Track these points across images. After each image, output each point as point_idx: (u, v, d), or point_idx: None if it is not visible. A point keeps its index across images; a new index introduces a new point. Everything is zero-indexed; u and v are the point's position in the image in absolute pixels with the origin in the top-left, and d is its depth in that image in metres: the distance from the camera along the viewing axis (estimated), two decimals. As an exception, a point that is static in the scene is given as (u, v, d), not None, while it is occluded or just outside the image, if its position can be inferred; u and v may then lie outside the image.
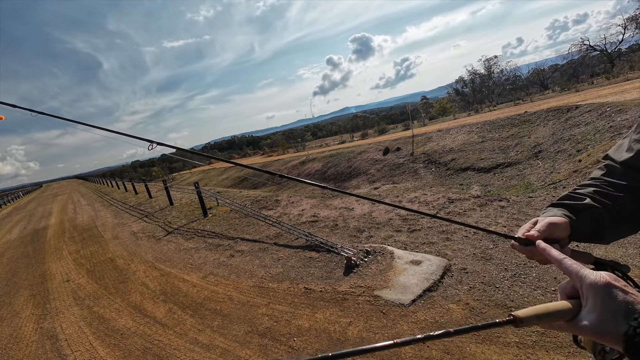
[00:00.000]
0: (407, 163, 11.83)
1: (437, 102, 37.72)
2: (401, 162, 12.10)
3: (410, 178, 10.76)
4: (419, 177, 10.47)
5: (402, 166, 11.85)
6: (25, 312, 3.91)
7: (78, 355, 2.73)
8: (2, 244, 9.03)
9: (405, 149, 12.69)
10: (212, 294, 3.28)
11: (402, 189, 8.87)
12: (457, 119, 18.48)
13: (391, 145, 13.84)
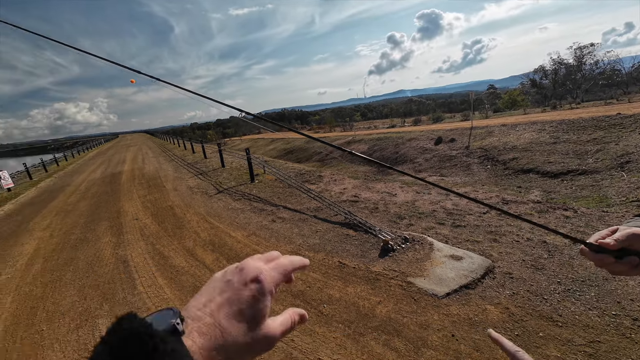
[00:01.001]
0: (460, 156, 11.02)
1: (506, 92, 33.71)
2: (453, 155, 11.31)
3: (460, 172, 10.06)
4: (471, 173, 9.73)
5: (454, 159, 11.07)
6: (104, 238, 4.69)
7: (143, 280, 3.24)
8: (89, 181, 10.71)
9: (460, 140, 11.79)
10: (253, 251, 3.58)
11: (450, 183, 8.39)
12: (528, 115, 16.44)
13: (445, 135, 12.95)
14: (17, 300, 3.21)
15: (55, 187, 10.53)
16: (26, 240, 5.17)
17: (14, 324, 2.80)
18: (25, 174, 14.73)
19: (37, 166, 17.74)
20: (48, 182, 12.02)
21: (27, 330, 2.68)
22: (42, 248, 4.69)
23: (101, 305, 2.89)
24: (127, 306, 2.82)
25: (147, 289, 3.08)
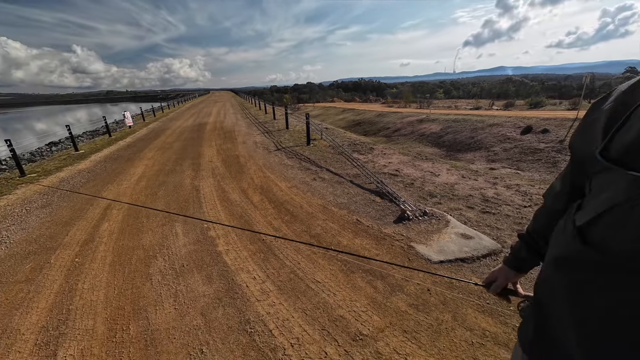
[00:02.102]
0: (548, 150, 9.59)
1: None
2: (540, 148, 9.88)
3: (542, 169, 8.88)
4: (556, 171, 8.55)
5: (539, 152, 9.71)
6: (187, 171, 6.00)
7: (208, 204, 4.25)
8: (182, 128, 12.95)
9: (554, 132, 10.19)
10: (290, 199, 4.26)
11: (526, 179, 7.65)
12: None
13: (537, 125, 11.24)
14: (130, 202, 4.58)
15: (159, 129, 13.07)
16: (137, 165, 6.92)
17: (127, 216, 4.10)
18: (140, 116, 18.40)
19: (149, 111, 21.80)
20: (154, 125, 14.90)
21: (133, 221, 3.92)
22: (146, 172, 6.27)
23: (178, 214, 3.98)
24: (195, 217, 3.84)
25: (209, 210, 4.06)
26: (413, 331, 1.97)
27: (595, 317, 0.52)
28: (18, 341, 2.08)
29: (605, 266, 0.50)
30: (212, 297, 2.40)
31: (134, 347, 1.98)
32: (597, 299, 0.52)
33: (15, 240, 3.57)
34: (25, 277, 2.83)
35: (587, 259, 0.54)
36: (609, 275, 0.50)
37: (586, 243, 0.54)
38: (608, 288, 0.50)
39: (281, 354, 1.86)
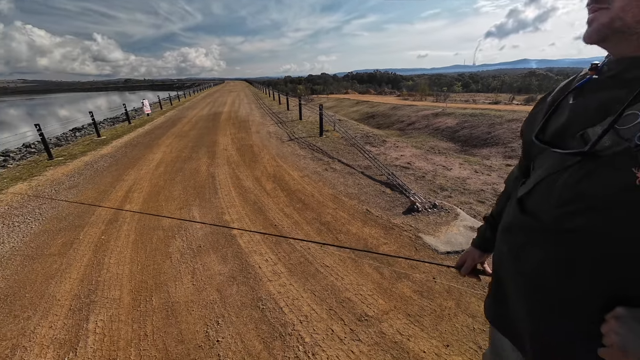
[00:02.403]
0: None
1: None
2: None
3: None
4: None
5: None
6: (203, 159, 6.20)
7: (223, 190, 4.42)
8: (198, 117, 13.23)
9: None
10: (302, 188, 4.37)
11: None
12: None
13: (552, 120, 10.90)
14: (150, 186, 4.81)
15: (176, 117, 13.39)
16: (156, 151, 7.18)
17: (147, 199, 4.32)
18: (157, 105, 18.85)
19: (166, 100, 22.27)
20: (171, 113, 15.26)
21: (153, 204, 4.14)
22: (164, 158, 6.51)
23: (194, 199, 4.17)
24: (210, 202, 4.01)
25: (224, 196, 4.23)
26: (417, 315, 2.06)
27: (528, 275, 0.61)
28: (55, 306, 2.31)
29: (536, 229, 0.60)
30: (227, 276, 2.55)
31: (157, 316, 2.16)
32: (530, 257, 0.61)
33: (47, 218, 3.85)
34: (58, 250, 3.07)
35: (524, 224, 0.63)
36: (539, 236, 0.59)
37: (524, 212, 0.64)
38: (538, 247, 0.59)
39: (290, 329, 1.99)
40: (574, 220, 0.53)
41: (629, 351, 0.46)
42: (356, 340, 1.89)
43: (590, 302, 0.53)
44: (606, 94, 0.56)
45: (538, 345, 0.63)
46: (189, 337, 1.97)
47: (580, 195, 0.52)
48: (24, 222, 3.75)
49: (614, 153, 0.49)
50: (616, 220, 0.47)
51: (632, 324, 0.46)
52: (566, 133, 0.59)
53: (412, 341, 1.86)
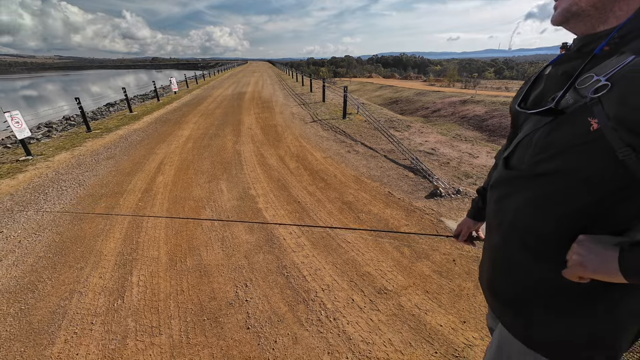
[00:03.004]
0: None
1: None
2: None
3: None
4: None
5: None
6: (228, 136, 6.38)
7: (248, 167, 4.58)
8: (223, 96, 13.44)
9: None
10: (325, 168, 4.44)
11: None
12: None
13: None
14: (179, 160, 5.06)
15: (201, 96, 13.69)
16: (184, 128, 7.46)
17: (177, 172, 4.56)
18: (184, 83, 19.27)
19: (191, 78, 22.68)
20: (197, 92, 15.59)
21: (184, 176, 4.37)
22: (192, 134, 6.76)
23: (222, 174, 4.36)
24: (237, 177, 4.19)
25: (250, 172, 4.39)
26: (435, 292, 2.13)
27: (506, 221, 0.72)
28: (102, 260, 2.57)
29: (516, 179, 0.71)
30: (253, 245, 2.72)
31: (191, 275, 2.37)
32: (509, 204, 0.71)
33: (90, 184, 4.18)
34: (102, 213, 3.36)
35: (507, 177, 0.74)
36: (517, 183, 0.70)
37: (507, 167, 0.75)
38: (516, 194, 0.70)
39: (313, 295, 2.13)
40: (543, 165, 0.63)
41: (586, 265, 0.56)
42: (375, 310, 2.00)
43: (556, 236, 0.62)
44: (570, 64, 0.68)
45: (504, 289, 0.76)
46: (220, 295, 2.16)
47: (550, 145, 0.62)
48: (70, 187, 4.11)
49: (575, 108, 0.59)
50: (576, 161, 0.57)
51: (589, 244, 0.57)
52: (543, 99, 0.70)
53: (430, 315, 1.94)
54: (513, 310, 0.75)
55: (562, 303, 0.65)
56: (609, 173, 0.53)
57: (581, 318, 0.64)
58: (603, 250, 0.55)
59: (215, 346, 1.78)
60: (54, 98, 29.38)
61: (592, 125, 0.54)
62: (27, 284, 2.34)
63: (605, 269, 0.55)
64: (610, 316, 0.62)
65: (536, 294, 0.69)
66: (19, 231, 3.07)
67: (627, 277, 0.53)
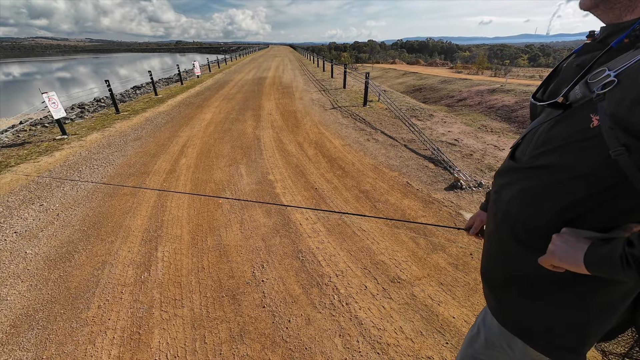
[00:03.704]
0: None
1: None
2: None
3: None
4: None
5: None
6: (248, 121, 6.46)
7: (267, 152, 4.64)
8: (244, 80, 13.51)
9: None
10: (343, 156, 4.42)
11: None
12: None
13: None
14: (201, 144, 5.21)
15: (223, 80, 13.83)
16: (206, 112, 7.61)
17: (199, 155, 4.70)
18: (206, 67, 19.49)
19: (213, 62, 22.88)
20: (219, 76, 15.75)
21: (205, 159, 4.50)
22: (214, 118, 6.90)
23: (242, 158, 4.45)
24: (256, 162, 4.27)
25: (269, 157, 4.45)
26: (449, 285, 2.12)
27: (501, 210, 0.74)
28: (130, 235, 2.75)
29: (515, 170, 0.72)
30: (270, 228, 2.79)
31: (211, 254, 2.48)
32: (507, 193, 0.73)
33: (119, 164, 4.41)
34: (130, 191, 3.56)
35: (510, 168, 0.75)
36: (515, 175, 0.72)
37: (512, 158, 0.76)
38: (514, 184, 0.71)
39: (327, 280, 2.18)
40: (542, 159, 0.64)
41: (555, 253, 0.59)
42: (387, 298, 2.02)
43: (543, 228, 0.64)
44: (587, 56, 0.66)
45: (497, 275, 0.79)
46: (238, 274, 2.26)
47: (551, 139, 0.63)
48: (101, 166, 4.35)
49: (582, 104, 0.58)
50: (572, 157, 0.58)
51: (567, 236, 0.59)
52: (558, 91, 0.68)
53: (443, 307, 1.94)
54: (495, 293, 0.80)
55: (540, 290, 0.69)
56: (601, 171, 0.54)
57: (555, 306, 0.67)
58: (575, 242, 0.57)
59: (233, 321, 1.88)
60: (85, 80, 30.70)
61: (593, 121, 0.54)
62: (64, 253, 2.55)
63: (571, 259, 0.57)
64: (583, 305, 0.65)
65: (518, 279, 0.72)
66: (57, 205, 3.32)
67: (588, 268, 0.56)
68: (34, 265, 2.42)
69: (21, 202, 3.38)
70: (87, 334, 1.84)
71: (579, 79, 0.61)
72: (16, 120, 8.19)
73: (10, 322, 1.94)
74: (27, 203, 3.37)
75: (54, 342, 1.79)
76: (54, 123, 6.90)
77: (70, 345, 1.77)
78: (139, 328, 1.86)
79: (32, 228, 2.91)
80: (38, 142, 5.49)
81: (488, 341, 0.87)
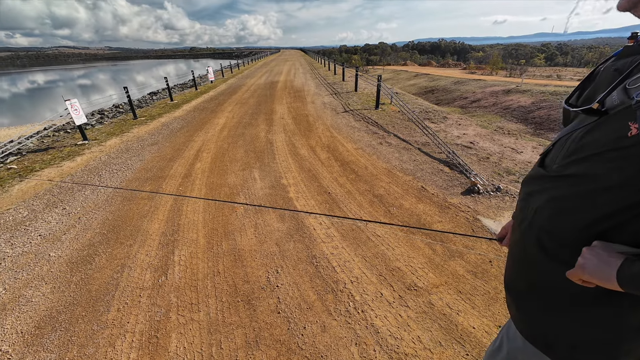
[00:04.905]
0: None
1: None
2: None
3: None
4: None
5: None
6: (261, 125, 6.53)
7: (280, 156, 4.67)
8: (256, 85, 13.69)
9: None
10: (356, 159, 4.40)
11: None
12: None
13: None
14: (216, 148, 5.29)
15: (236, 85, 14.06)
16: (220, 116, 7.74)
17: (214, 159, 4.78)
18: (220, 72, 19.87)
19: (226, 67, 23.32)
20: (232, 81, 16.03)
21: (219, 163, 4.57)
22: (227, 123, 7.00)
23: (255, 162, 4.49)
24: (269, 166, 4.30)
25: (281, 161, 4.47)
26: (469, 293, 2.05)
27: (529, 218, 0.71)
28: (148, 239, 2.80)
29: (544, 178, 0.70)
30: (284, 233, 2.79)
31: (226, 259, 2.50)
32: (535, 201, 0.70)
33: (137, 168, 4.53)
34: (147, 195, 3.64)
35: (538, 175, 0.73)
36: (544, 183, 0.69)
37: (541, 165, 0.74)
38: (542, 191, 0.69)
39: (342, 287, 2.15)
40: (573, 167, 0.62)
41: (585, 267, 0.56)
42: (404, 306, 1.98)
43: (570, 239, 0.61)
44: (627, 60, 0.62)
45: (522, 285, 0.76)
46: (253, 279, 2.26)
47: (582, 147, 0.60)
48: (120, 170, 4.48)
49: (620, 110, 0.55)
50: (605, 166, 0.55)
51: (598, 250, 0.56)
52: (594, 97, 0.65)
53: (462, 316, 1.89)
54: (518, 304, 0.77)
55: (565, 303, 0.66)
56: (637, 183, 0.51)
57: (582, 321, 0.64)
58: (607, 256, 0.55)
59: (248, 327, 1.88)
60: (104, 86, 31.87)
61: (632, 130, 0.51)
62: (85, 256, 2.63)
63: (602, 274, 0.54)
64: (614, 322, 0.61)
65: (543, 291, 0.70)
66: (78, 208, 3.43)
67: (621, 285, 0.53)
68: (57, 268, 2.50)
69: (45, 206, 3.52)
70: (107, 336, 1.87)
71: (617, 84, 0.58)
72: (41, 127, 8.56)
73: (35, 323, 2.00)
74: (50, 207, 3.50)
75: (75, 344, 1.83)
76: (76, 129, 7.17)
77: (91, 348, 1.81)
78: (156, 332, 1.88)
79: (56, 231, 3.02)
80: (61, 148, 5.72)
81: (510, 355, 0.84)
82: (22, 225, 3.15)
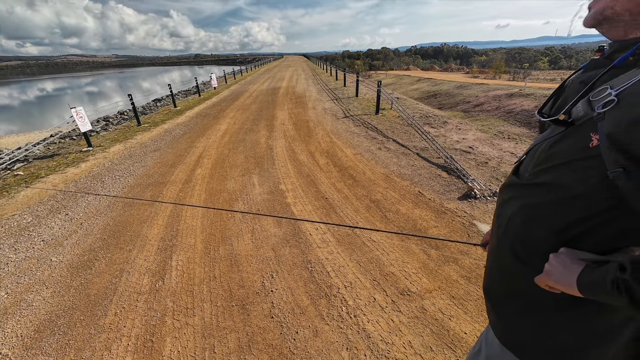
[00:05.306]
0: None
1: None
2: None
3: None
4: None
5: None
6: (262, 131, 6.60)
7: (279, 162, 4.72)
8: (258, 91, 13.85)
9: None
10: (354, 165, 4.43)
11: None
12: None
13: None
14: (216, 154, 5.36)
15: (238, 91, 14.23)
16: (222, 122, 7.85)
17: (214, 165, 4.84)
18: (223, 79, 20.15)
19: (230, 74, 23.63)
20: (234, 87, 16.23)
21: (220, 169, 4.63)
22: (229, 129, 7.10)
23: (255, 168, 4.55)
24: (268, 172, 4.35)
25: (281, 167, 4.52)
26: (461, 299, 2.06)
27: (503, 225, 0.74)
28: (147, 244, 2.85)
29: (517, 186, 0.73)
30: (281, 238, 2.82)
31: (223, 264, 2.53)
32: (508, 209, 0.73)
33: (139, 174, 4.61)
34: (148, 201, 3.71)
35: (512, 183, 0.76)
36: (516, 191, 0.72)
37: (515, 174, 0.77)
38: (515, 199, 0.71)
39: (336, 291, 2.17)
40: (543, 176, 0.64)
41: (551, 273, 0.59)
42: (397, 311, 1.99)
43: (541, 246, 0.63)
44: (594, 72, 0.65)
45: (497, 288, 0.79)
46: (248, 284, 2.29)
47: (551, 156, 0.64)
48: (122, 176, 4.57)
49: (584, 122, 0.58)
50: (571, 176, 0.58)
51: (564, 257, 0.58)
52: (564, 107, 0.68)
53: (454, 321, 1.89)
54: (496, 309, 0.80)
55: (538, 309, 0.68)
56: (601, 192, 0.53)
57: (553, 326, 0.66)
58: (570, 262, 0.57)
59: (242, 331, 1.91)
60: (110, 93, 32.44)
61: (593, 140, 0.54)
62: (86, 261, 2.68)
63: (565, 280, 0.57)
64: (581, 328, 0.63)
65: (517, 297, 0.72)
66: (80, 214, 3.50)
67: (581, 291, 0.55)
68: (58, 273, 2.55)
69: (49, 212, 3.60)
70: (104, 340, 1.91)
71: (581, 96, 0.61)
72: (48, 134, 8.74)
73: (35, 327, 2.05)
74: (54, 212, 3.57)
75: (73, 348, 1.87)
76: (81, 136, 7.32)
77: (87, 351, 1.84)
78: (152, 336, 1.92)
79: (58, 236, 3.08)
80: (66, 154, 5.84)
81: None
82: (26, 230, 3.22)
